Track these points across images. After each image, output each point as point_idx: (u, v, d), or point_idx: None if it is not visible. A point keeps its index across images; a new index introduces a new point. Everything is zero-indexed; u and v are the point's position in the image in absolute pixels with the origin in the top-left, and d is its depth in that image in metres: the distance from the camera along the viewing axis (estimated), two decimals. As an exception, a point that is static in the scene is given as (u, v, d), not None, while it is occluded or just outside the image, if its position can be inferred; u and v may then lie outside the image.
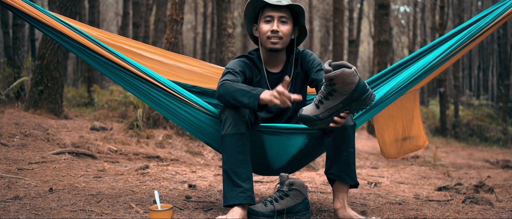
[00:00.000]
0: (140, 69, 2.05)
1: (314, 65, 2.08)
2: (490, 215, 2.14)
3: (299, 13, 2.05)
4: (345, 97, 1.67)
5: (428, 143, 2.78)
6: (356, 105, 1.69)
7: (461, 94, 17.65)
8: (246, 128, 1.88)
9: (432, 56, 2.33)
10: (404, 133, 2.66)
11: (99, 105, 8.18)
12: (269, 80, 2.12)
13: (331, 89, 1.67)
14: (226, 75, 1.98)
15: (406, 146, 2.69)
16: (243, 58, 2.11)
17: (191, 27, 25.02)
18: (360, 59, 27.65)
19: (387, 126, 2.63)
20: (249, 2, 2.04)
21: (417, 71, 2.25)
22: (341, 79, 1.63)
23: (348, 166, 1.90)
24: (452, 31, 2.43)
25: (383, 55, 8.79)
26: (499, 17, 2.30)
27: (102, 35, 2.26)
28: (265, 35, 2.02)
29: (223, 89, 1.88)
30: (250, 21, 2.13)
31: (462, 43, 2.30)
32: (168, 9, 6.58)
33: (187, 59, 2.41)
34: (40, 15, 2.02)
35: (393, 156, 2.70)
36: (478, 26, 2.32)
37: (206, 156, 4.62)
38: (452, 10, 17.84)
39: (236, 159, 1.85)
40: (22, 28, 8.87)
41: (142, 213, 1.87)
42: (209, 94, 2.38)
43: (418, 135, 2.69)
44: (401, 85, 2.22)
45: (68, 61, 16.68)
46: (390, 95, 2.21)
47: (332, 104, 1.69)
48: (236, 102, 1.84)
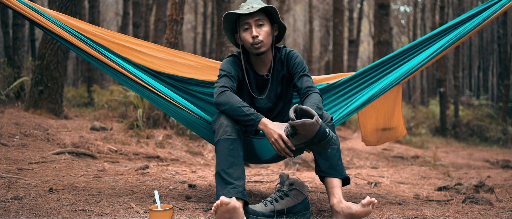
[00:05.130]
0: (139, 76, 2.15)
1: (297, 71, 2.16)
2: (490, 215, 2.14)
3: (272, 12, 2.12)
4: (306, 140, 1.82)
5: (405, 133, 2.93)
6: (316, 148, 1.85)
7: (461, 94, 17.65)
8: (238, 135, 1.96)
9: (428, 52, 2.41)
10: (385, 124, 2.81)
11: (99, 105, 8.18)
12: (257, 82, 2.21)
13: (294, 132, 1.82)
14: (223, 78, 2.07)
15: (385, 135, 2.87)
16: (233, 58, 2.19)
17: (191, 27, 25.01)
18: (360, 59, 27.64)
19: (370, 116, 2.79)
20: (223, 17, 2.12)
21: (410, 69, 2.40)
22: (303, 128, 1.78)
23: (334, 161, 2.00)
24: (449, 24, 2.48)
25: (383, 55, 8.78)
26: (494, 14, 2.36)
27: (101, 33, 2.28)
28: (248, 43, 2.09)
29: (224, 98, 1.97)
30: (231, 33, 2.21)
31: (458, 39, 2.42)
32: (168, 9, 6.58)
33: (185, 55, 2.50)
34: (39, 18, 2.09)
35: (373, 144, 2.91)
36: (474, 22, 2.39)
37: (206, 156, 4.62)
38: (452, 10, 17.83)
39: (227, 161, 1.90)
40: (22, 28, 8.87)
41: (142, 213, 1.87)
42: (205, 85, 2.47)
43: (397, 126, 2.84)
44: (391, 83, 2.37)
45: (68, 61, 16.66)
46: (380, 92, 2.36)
47: (296, 142, 1.85)
48: (235, 118, 1.94)
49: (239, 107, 1.92)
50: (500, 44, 15.45)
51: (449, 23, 2.48)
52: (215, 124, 1.99)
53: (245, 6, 2.09)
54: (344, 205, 1.90)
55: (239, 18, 2.12)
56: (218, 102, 1.98)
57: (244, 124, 1.93)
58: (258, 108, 2.23)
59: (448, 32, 2.47)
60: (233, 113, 1.93)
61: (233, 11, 2.08)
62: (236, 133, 1.95)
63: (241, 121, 1.93)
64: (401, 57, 2.50)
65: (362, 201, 1.83)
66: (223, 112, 1.98)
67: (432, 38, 2.49)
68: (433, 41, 2.48)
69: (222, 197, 1.70)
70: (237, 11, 2.07)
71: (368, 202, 1.82)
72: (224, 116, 1.97)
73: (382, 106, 2.76)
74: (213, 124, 2.01)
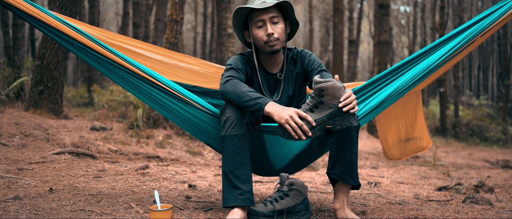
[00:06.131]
0: (141, 68, 2.02)
1: (315, 66, 2.05)
2: (490, 215, 2.14)
3: (287, 8, 2.01)
4: (331, 111, 1.66)
5: (431, 144, 2.76)
6: (339, 121, 1.68)
7: (461, 94, 17.65)
8: (247, 129, 1.86)
9: (435, 57, 2.31)
10: (407, 134, 2.63)
11: (99, 105, 8.18)
12: (269, 81, 2.10)
13: (318, 101, 1.67)
14: (229, 70, 1.95)
15: (409, 147, 2.67)
16: (242, 56, 2.08)
17: (191, 27, 25.01)
18: (360, 59, 27.65)
19: (390, 127, 2.61)
20: (235, 11, 1.99)
21: (420, 72, 2.22)
22: (332, 91, 1.63)
23: (351, 167, 1.89)
24: (454, 32, 2.41)
25: (383, 55, 8.79)
26: (500, 18, 2.30)
27: (102, 34, 2.25)
28: (261, 40, 1.97)
29: (230, 86, 1.84)
30: (240, 29, 2.08)
31: (464, 44, 2.28)
32: (168, 9, 6.58)
33: (187, 58, 2.40)
34: (40, 14, 2.00)
35: (396, 158, 2.68)
36: (480, 27, 2.30)
37: (206, 156, 4.62)
38: (452, 10, 17.84)
39: (235, 161, 1.83)
40: (22, 28, 8.87)
41: (142, 213, 1.87)
42: (210, 94, 2.37)
43: (421, 136, 2.67)
44: (403, 86, 2.20)
45: (68, 61, 16.67)
46: (393, 96, 2.20)
47: (317, 116, 1.68)
48: (240, 103, 1.81)
49: (244, 91, 1.79)
50: (500, 44, 15.46)
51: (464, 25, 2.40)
52: (222, 115, 1.87)
53: (257, 0, 1.97)
54: (346, 215, 1.88)
55: (250, 14, 2.00)
56: (223, 90, 1.86)
57: (250, 109, 1.79)
58: None
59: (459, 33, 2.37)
60: (239, 99, 1.80)
61: (245, 6, 1.95)
62: (245, 127, 1.84)
63: (247, 107, 1.79)
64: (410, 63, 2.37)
65: None
66: (229, 101, 1.86)
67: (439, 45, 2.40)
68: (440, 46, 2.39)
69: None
70: (250, 5, 1.94)
71: None
72: (231, 107, 1.84)
73: (403, 116, 2.60)
74: (220, 115, 1.89)
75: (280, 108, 1.74)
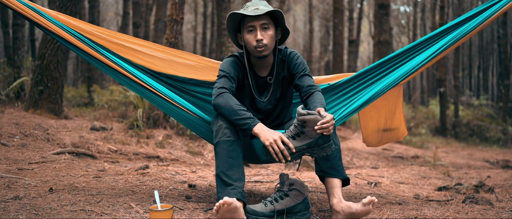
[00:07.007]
0: (138, 77, 2.14)
1: (299, 70, 2.17)
2: (490, 215, 2.14)
3: (278, 16, 2.10)
4: (310, 141, 1.81)
5: (407, 134, 2.92)
6: (317, 151, 1.84)
7: (461, 94, 17.64)
8: (237, 136, 1.96)
9: (428, 53, 2.42)
10: (386, 124, 2.81)
11: (99, 105, 8.18)
12: (258, 83, 2.21)
13: (300, 130, 1.81)
14: (222, 78, 2.07)
15: (386, 136, 2.86)
16: (234, 58, 2.18)
17: (191, 27, 25.01)
18: (360, 59, 27.64)
19: (371, 117, 2.79)
20: (228, 16, 2.10)
21: (410, 69, 2.41)
22: (313, 124, 1.77)
23: (335, 161, 1.99)
24: (450, 24, 2.48)
25: (383, 55, 8.78)
26: (494, 15, 2.36)
27: (102, 32, 2.29)
28: (251, 45, 2.08)
29: (222, 101, 1.96)
30: (234, 32, 2.19)
31: (458, 39, 2.41)
32: (168, 9, 6.58)
33: (184, 54, 2.50)
34: (40, 19, 2.10)
35: (373, 145, 2.89)
36: (475, 22, 2.39)
37: (206, 156, 4.62)
38: (452, 10, 17.84)
39: (227, 163, 1.91)
40: (22, 28, 8.87)
41: (142, 213, 1.87)
42: (205, 85, 2.47)
43: (399, 127, 2.83)
44: (391, 83, 2.37)
45: (68, 61, 16.66)
46: (380, 93, 2.36)
47: (298, 144, 1.83)
48: (231, 120, 1.93)
49: (236, 110, 1.92)
50: (500, 44, 15.45)
51: (449, 23, 2.48)
52: (214, 125, 1.99)
53: (251, 6, 2.07)
54: (344, 205, 1.90)
55: (243, 18, 2.10)
56: (215, 104, 1.98)
57: (240, 127, 1.92)
58: (258, 109, 2.23)
59: (448, 33, 2.47)
60: (230, 116, 1.92)
61: (238, 11, 2.06)
62: (235, 134, 1.95)
63: (237, 124, 1.93)
64: (402, 57, 2.50)
65: (363, 200, 1.83)
66: (221, 114, 1.98)
67: (432, 39, 2.49)
68: (433, 42, 2.49)
69: (226, 197, 1.71)
70: (243, 12, 2.04)
71: (369, 201, 1.81)
72: (222, 120, 1.97)
73: (383, 107, 2.76)
74: (212, 125, 2.01)
75: (266, 130, 1.88)
